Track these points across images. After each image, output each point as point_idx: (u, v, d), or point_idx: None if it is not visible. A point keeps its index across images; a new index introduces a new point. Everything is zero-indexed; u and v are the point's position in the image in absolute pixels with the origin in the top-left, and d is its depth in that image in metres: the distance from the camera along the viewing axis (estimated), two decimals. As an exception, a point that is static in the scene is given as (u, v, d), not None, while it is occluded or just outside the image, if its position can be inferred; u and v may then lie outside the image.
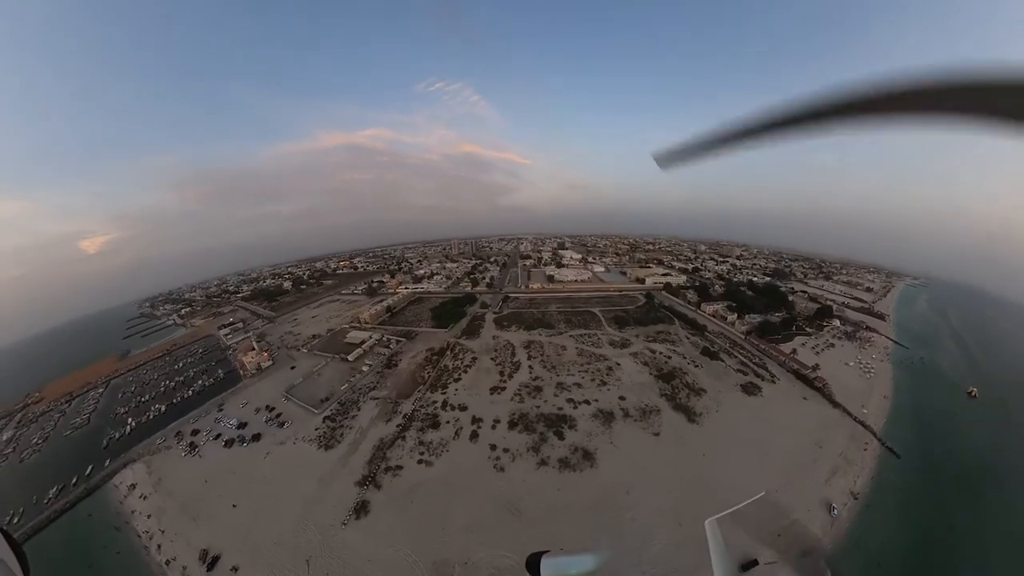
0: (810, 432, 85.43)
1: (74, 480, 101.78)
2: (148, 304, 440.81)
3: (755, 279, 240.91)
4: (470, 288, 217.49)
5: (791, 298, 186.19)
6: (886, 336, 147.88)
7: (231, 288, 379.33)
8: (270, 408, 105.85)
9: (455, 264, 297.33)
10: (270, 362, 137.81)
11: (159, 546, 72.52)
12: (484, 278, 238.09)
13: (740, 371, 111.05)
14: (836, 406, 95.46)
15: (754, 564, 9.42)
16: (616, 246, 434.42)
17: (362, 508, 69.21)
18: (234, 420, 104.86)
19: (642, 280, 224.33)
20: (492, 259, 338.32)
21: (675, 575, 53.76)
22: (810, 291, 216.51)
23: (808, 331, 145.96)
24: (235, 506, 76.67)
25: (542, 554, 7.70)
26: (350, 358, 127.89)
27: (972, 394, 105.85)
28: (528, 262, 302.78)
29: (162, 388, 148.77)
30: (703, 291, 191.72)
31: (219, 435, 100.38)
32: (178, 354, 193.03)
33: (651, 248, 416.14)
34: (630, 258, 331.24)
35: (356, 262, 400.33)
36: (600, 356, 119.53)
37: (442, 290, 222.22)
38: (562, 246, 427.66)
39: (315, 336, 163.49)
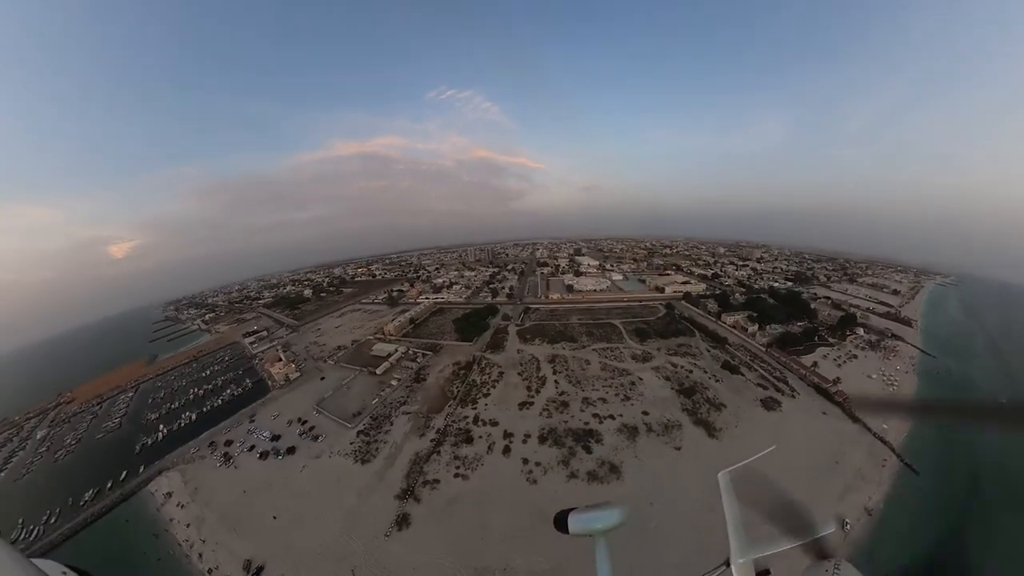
0: (828, 448, 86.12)
1: (109, 484, 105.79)
2: (172, 307, 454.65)
3: (776, 284, 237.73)
4: (490, 299, 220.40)
5: (813, 305, 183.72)
6: (912, 344, 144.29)
7: (252, 294, 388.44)
8: (302, 421, 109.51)
9: (473, 272, 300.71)
10: (298, 374, 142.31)
11: (200, 555, 75.86)
12: (503, 288, 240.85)
13: (760, 385, 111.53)
14: (856, 421, 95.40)
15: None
16: (633, 251, 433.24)
17: (403, 520, 72.48)
18: (267, 432, 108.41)
19: (661, 289, 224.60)
20: (509, 267, 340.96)
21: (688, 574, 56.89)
22: (833, 296, 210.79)
23: (831, 341, 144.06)
24: (275, 517, 80.00)
25: (569, 511, 7.95)
26: (378, 371, 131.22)
27: (1002, 405, 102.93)
28: (546, 270, 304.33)
29: (191, 395, 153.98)
30: (723, 300, 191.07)
31: (253, 447, 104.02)
32: (205, 361, 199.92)
33: (669, 252, 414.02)
34: (648, 264, 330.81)
35: (374, 269, 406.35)
36: (623, 371, 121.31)
37: (462, 300, 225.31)
38: (578, 252, 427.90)
39: (340, 348, 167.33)
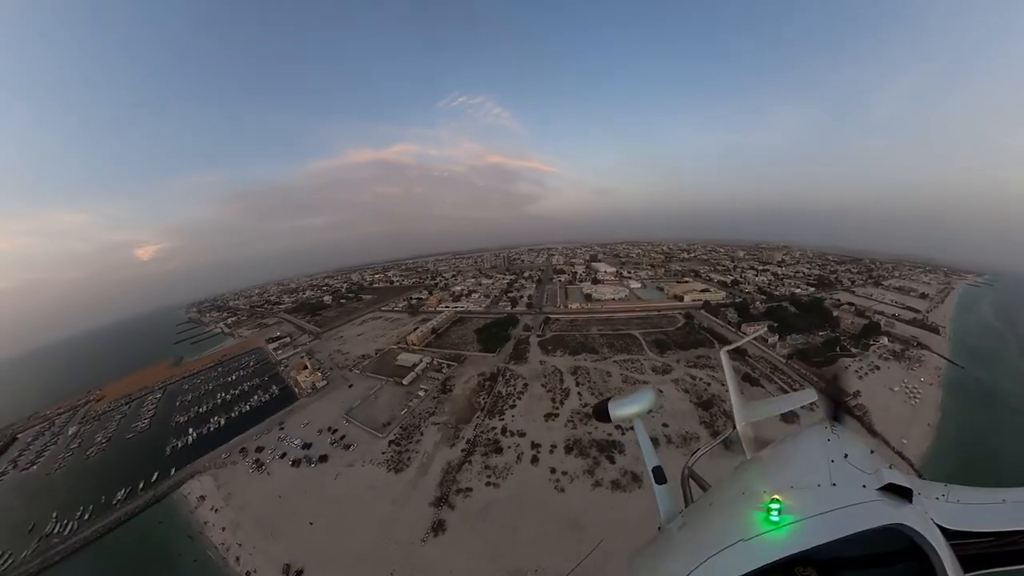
0: None
1: (141, 485, 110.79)
2: (195, 309, 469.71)
3: (798, 291, 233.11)
4: (510, 308, 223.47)
5: (836, 313, 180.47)
6: (939, 354, 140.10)
7: (272, 298, 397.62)
8: (333, 430, 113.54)
9: (490, 280, 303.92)
10: (324, 382, 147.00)
11: (238, 558, 79.60)
12: (522, 296, 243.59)
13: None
14: (874, 435, 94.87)
15: None
16: (650, 255, 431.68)
17: (439, 526, 76.09)
18: (298, 440, 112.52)
19: (680, 297, 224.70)
20: (526, 274, 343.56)
21: None
22: (857, 302, 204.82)
23: (853, 352, 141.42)
24: (312, 523, 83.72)
25: (607, 401, 8.21)
26: (404, 382, 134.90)
27: None
28: (563, 278, 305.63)
29: (218, 400, 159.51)
30: (743, 309, 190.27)
31: (284, 454, 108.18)
32: (230, 365, 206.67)
33: (687, 257, 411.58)
34: (665, 270, 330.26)
35: (391, 275, 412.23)
36: (644, 383, 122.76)
37: (482, 309, 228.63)
38: (595, 258, 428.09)
39: (364, 356, 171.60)
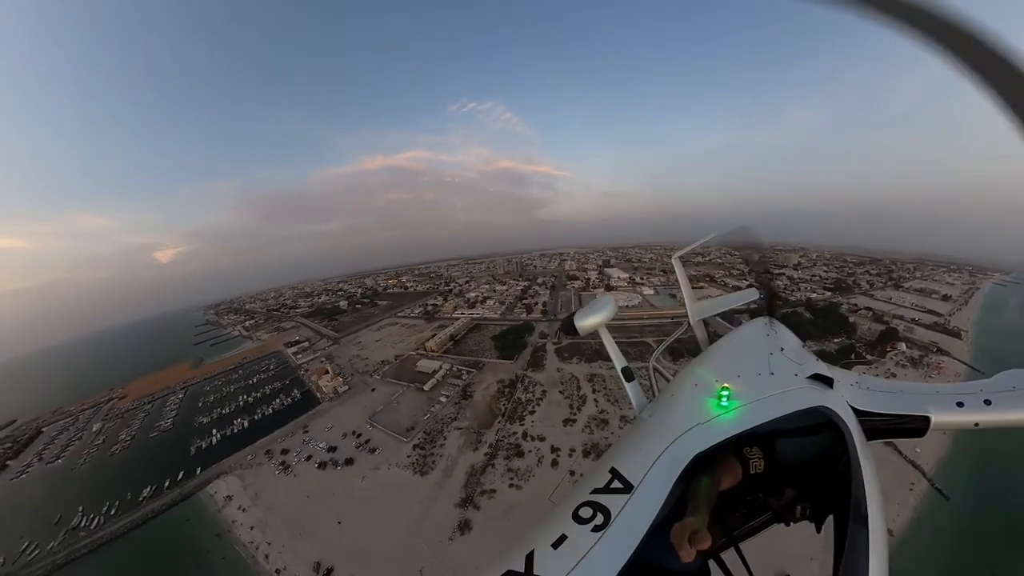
0: None
1: (167, 483, 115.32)
2: (213, 311, 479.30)
3: (814, 296, 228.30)
4: (525, 315, 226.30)
5: (852, 319, 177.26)
6: (959, 360, 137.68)
7: (288, 302, 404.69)
8: (357, 434, 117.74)
9: (504, 287, 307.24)
10: (346, 387, 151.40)
11: (267, 556, 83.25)
12: (536, 303, 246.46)
13: None
14: (887, 444, 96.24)
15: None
16: (662, 259, 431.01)
17: (465, 526, 79.41)
18: (323, 443, 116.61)
19: None
20: (539, 280, 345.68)
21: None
22: (876, 307, 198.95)
23: (868, 359, 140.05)
24: (340, 523, 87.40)
25: (572, 315, 8.45)
26: (426, 388, 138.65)
27: None
28: (576, 284, 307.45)
29: (240, 402, 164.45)
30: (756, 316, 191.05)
31: (310, 456, 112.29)
32: (250, 368, 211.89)
33: (700, 260, 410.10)
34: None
35: (404, 281, 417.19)
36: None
37: (497, 316, 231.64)
38: (607, 263, 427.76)
39: (384, 362, 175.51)
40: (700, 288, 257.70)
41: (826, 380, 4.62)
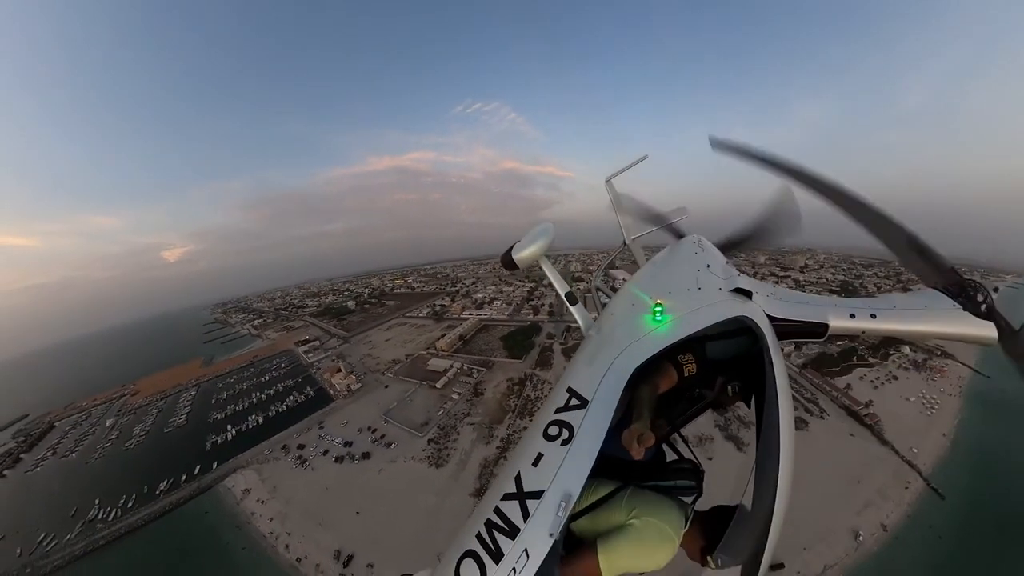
0: (851, 467, 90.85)
1: (184, 477, 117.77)
2: (220, 310, 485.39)
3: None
4: (532, 316, 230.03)
5: None
6: (963, 363, 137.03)
7: (295, 302, 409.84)
8: (372, 429, 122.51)
9: (511, 287, 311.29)
10: (359, 385, 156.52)
11: (287, 546, 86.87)
12: (543, 304, 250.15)
13: None
14: (884, 444, 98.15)
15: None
16: None
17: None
18: (339, 438, 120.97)
19: None
20: (544, 281, 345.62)
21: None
22: None
23: (871, 362, 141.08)
24: (359, 513, 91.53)
25: (510, 249, 7.35)
26: (438, 385, 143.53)
27: None
28: (581, 286, 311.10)
29: (254, 399, 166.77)
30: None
31: (327, 451, 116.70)
32: (261, 366, 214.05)
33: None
34: None
35: (411, 281, 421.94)
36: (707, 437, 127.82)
37: (505, 317, 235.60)
38: (612, 265, 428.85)
39: (395, 361, 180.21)
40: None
41: (746, 293, 5.21)
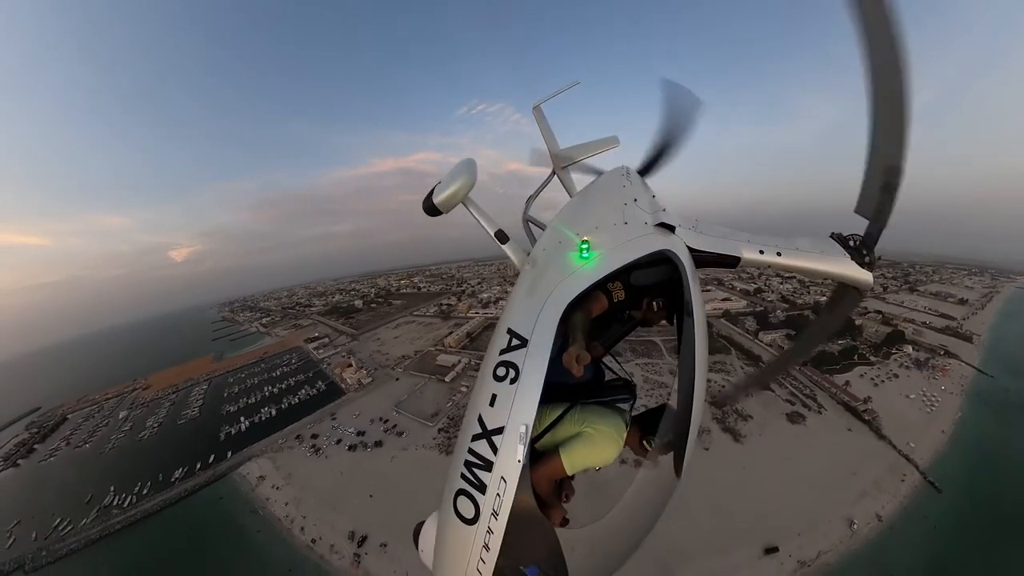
0: (847, 460, 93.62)
1: (198, 465, 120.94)
2: (228, 309, 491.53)
3: (823, 299, 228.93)
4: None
5: (860, 321, 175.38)
6: (967, 363, 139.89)
7: (302, 301, 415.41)
8: (384, 420, 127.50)
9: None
10: (370, 379, 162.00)
11: (302, 528, 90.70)
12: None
13: (788, 401, 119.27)
14: (882, 438, 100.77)
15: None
16: None
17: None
18: (351, 428, 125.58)
19: None
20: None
21: (710, 545, 74.35)
22: (887, 310, 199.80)
23: (872, 360, 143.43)
24: (372, 497, 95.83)
25: (431, 192, 6.89)
26: (447, 379, 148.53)
27: None
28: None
29: (266, 393, 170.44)
30: (762, 318, 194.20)
31: (340, 440, 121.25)
32: (272, 362, 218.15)
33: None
34: None
35: (417, 281, 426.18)
36: (662, 383, 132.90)
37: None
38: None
39: (404, 357, 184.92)
40: (707, 292, 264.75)
41: (670, 227, 5.47)
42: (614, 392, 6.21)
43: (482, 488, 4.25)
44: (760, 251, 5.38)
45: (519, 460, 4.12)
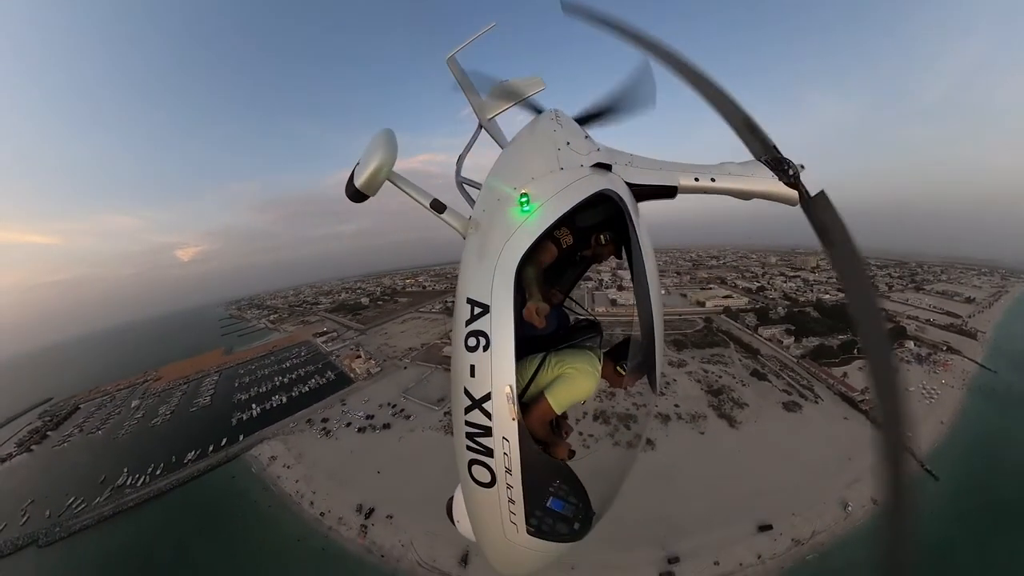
0: (843, 446, 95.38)
1: (211, 448, 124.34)
2: (235, 307, 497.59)
3: (827, 296, 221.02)
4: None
5: None
6: (970, 358, 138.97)
7: (308, 299, 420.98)
8: (392, 405, 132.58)
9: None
10: (378, 369, 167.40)
11: (311, 503, 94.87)
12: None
13: (785, 391, 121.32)
14: (878, 427, 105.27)
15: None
16: (677, 263, 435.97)
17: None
18: (361, 412, 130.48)
19: (702, 303, 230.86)
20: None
21: (704, 522, 76.83)
22: (890, 308, 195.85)
23: None
24: (379, 472, 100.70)
25: (352, 175, 6.26)
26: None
27: None
28: (590, 284, 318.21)
29: (277, 382, 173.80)
30: (763, 314, 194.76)
31: (349, 423, 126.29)
32: (281, 355, 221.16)
33: (715, 264, 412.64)
34: (692, 277, 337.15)
35: (421, 280, 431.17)
36: (660, 373, 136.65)
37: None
38: (620, 266, 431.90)
39: (411, 349, 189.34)
40: (708, 290, 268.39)
41: (606, 166, 5.49)
42: (582, 333, 6.65)
43: (489, 452, 4.55)
44: (695, 178, 5.67)
45: (513, 418, 4.42)
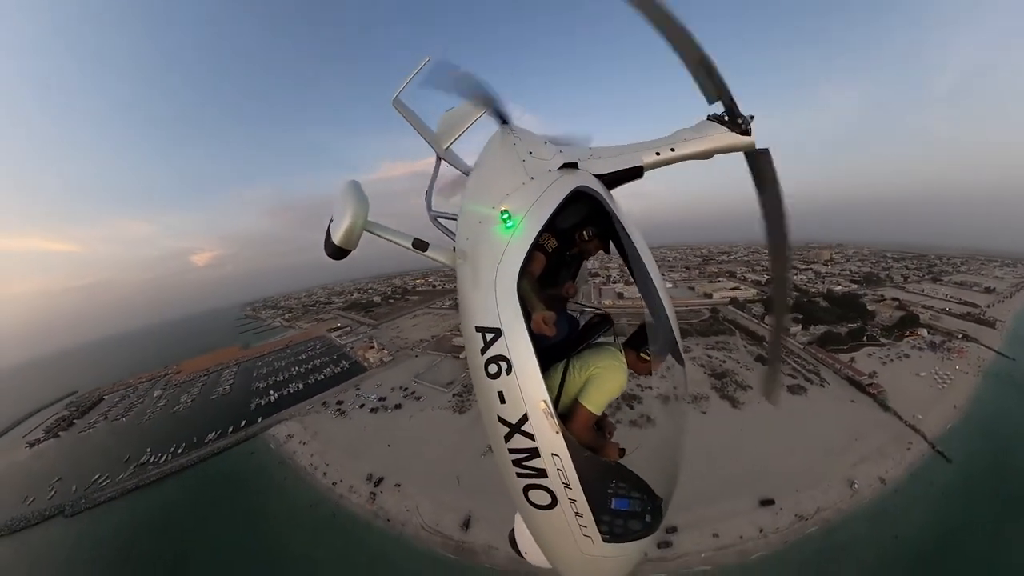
0: (850, 427, 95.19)
1: (230, 429, 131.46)
2: (250, 308, 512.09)
3: (838, 287, 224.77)
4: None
5: (873, 307, 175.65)
6: (986, 346, 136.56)
7: (322, 299, 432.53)
8: (404, 388, 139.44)
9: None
10: (391, 358, 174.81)
11: (324, 473, 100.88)
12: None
13: (790, 375, 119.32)
14: (887, 410, 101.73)
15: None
16: (687, 259, 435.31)
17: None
18: (374, 395, 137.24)
19: (709, 295, 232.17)
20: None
21: (704, 496, 76.05)
22: (905, 298, 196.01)
23: (882, 342, 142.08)
24: (390, 446, 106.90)
25: (328, 231, 5.98)
26: (462, 356, 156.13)
27: None
28: (597, 279, 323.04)
29: (293, 372, 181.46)
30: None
31: (363, 404, 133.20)
32: (297, 349, 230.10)
33: (726, 259, 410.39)
34: (700, 272, 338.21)
35: (431, 280, 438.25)
36: (682, 347, 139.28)
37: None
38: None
39: (422, 340, 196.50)
40: (717, 283, 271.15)
41: (573, 165, 5.58)
42: (595, 330, 6.64)
43: (542, 473, 4.50)
44: (656, 153, 5.96)
45: (556, 431, 4.40)
